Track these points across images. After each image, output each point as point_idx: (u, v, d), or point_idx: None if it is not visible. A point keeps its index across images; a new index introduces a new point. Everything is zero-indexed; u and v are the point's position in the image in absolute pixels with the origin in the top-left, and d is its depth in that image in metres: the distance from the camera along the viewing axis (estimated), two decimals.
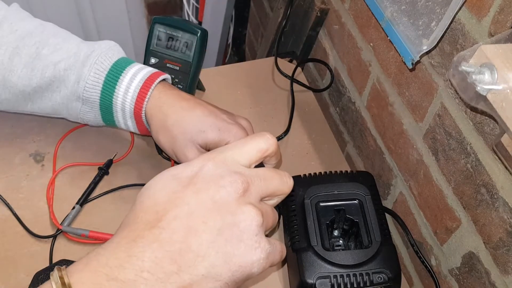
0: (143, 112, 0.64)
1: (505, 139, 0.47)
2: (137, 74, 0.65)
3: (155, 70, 0.67)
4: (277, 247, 0.42)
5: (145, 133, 0.69)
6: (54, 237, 0.68)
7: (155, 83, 0.65)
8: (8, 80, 0.65)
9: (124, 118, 0.66)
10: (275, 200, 0.45)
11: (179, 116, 0.63)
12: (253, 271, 0.39)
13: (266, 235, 0.42)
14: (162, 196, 0.39)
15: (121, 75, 0.64)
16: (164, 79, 0.67)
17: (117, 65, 0.65)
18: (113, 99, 0.65)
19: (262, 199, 0.42)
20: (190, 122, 0.62)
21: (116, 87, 0.64)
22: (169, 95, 0.65)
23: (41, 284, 0.35)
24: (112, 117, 0.67)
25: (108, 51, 0.66)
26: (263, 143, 0.43)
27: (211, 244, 0.37)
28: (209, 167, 0.40)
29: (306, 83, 0.95)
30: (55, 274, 0.36)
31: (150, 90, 0.64)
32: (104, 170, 0.75)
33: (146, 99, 0.64)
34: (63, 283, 0.35)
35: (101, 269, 0.36)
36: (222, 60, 1.63)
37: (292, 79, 0.92)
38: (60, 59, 0.65)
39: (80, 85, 0.64)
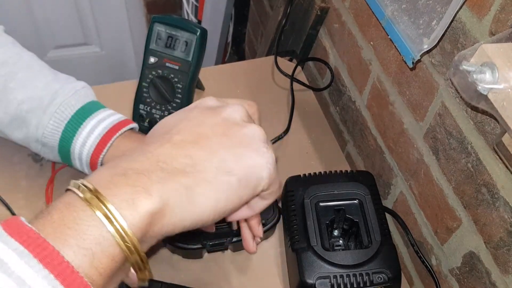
0: (98, 164, 0.63)
1: (506, 139, 0.46)
2: (97, 126, 0.63)
3: (117, 120, 0.65)
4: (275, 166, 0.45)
5: None
6: None
7: (113, 138, 0.63)
8: None
9: (81, 166, 0.65)
10: None
11: None
12: (262, 174, 0.42)
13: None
14: (171, 119, 0.44)
15: (79, 127, 0.63)
16: (131, 128, 0.65)
17: (78, 115, 0.63)
18: (71, 149, 0.64)
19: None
20: None
21: (74, 138, 0.63)
22: (128, 147, 0.63)
23: None
24: (70, 162, 0.66)
25: (71, 99, 0.64)
26: (250, 107, 0.49)
27: (222, 145, 0.41)
28: (208, 101, 0.46)
29: (306, 82, 0.95)
30: (73, 183, 0.36)
31: (108, 144, 0.62)
32: None
33: (103, 154, 0.63)
34: (86, 189, 0.35)
35: (118, 165, 0.38)
36: (222, 59, 1.63)
37: (292, 78, 0.92)
38: (25, 98, 0.63)
39: (39, 131, 0.63)
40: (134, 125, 0.66)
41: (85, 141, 0.63)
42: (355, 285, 0.59)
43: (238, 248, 0.70)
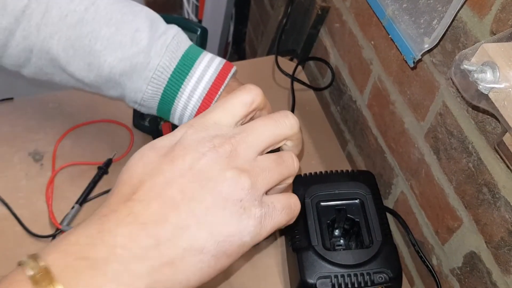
0: None
1: (507, 138, 0.46)
2: (196, 87, 0.57)
3: (216, 74, 0.58)
4: (277, 206, 0.37)
5: None
6: (53, 236, 0.68)
7: (218, 94, 0.57)
8: (67, 70, 0.59)
9: (181, 122, 0.60)
10: (289, 146, 0.41)
11: None
12: (244, 240, 0.35)
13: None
14: (138, 168, 0.37)
15: (179, 89, 0.57)
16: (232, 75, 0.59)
17: (175, 76, 0.57)
18: (171, 111, 0.59)
19: (261, 154, 0.38)
20: None
21: (174, 102, 0.58)
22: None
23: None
24: (168, 118, 0.61)
25: (164, 59, 0.57)
26: (246, 96, 0.40)
27: (191, 214, 0.34)
28: (188, 134, 0.37)
29: (307, 81, 0.95)
30: (25, 260, 0.33)
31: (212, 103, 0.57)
32: (103, 169, 0.74)
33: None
34: (40, 271, 0.32)
35: (71, 248, 0.33)
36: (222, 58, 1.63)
37: (293, 78, 0.92)
38: (115, 61, 0.57)
39: (138, 95, 0.58)
40: (234, 70, 0.60)
41: (186, 104, 0.57)
42: (356, 285, 0.59)
43: None
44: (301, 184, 0.68)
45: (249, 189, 0.35)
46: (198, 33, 0.74)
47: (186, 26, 0.74)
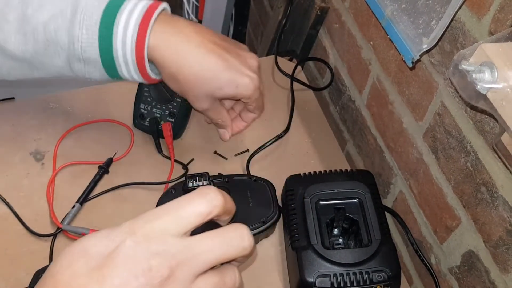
0: (146, 60, 0.59)
1: (505, 138, 0.47)
2: (129, 18, 0.57)
3: (147, 6, 0.58)
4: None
5: (155, 82, 0.64)
6: (54, 235, 0.68)
7: (150, 25, 0.57)
8: (5, 49, 0.59)
9: (129, 72, 0.61)
10: (235, 264, 0.38)
11: (192, 71, 0.59)
12: None
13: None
14: (65, 277, 0.33)
15: (113, 25, 0.57)
16: (163, 10, 0.60)
17: (107, 13, 0.57)
18: (113, 53, 0.58)
19: (203, 274, 0.34)
20: (205, 81, 0.60)
21: (113, 39, 0.57)
22: (171, 36, 0.59)
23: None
24: (117, 73, 0.61)
25: (93, 0, 0.58)
26: (203, 206, 0.35)
27: None
28: (126, 246, 0.33)
29: (306, 81, 0.95)
30: None
31: (147, 33, 0.57)
32: (104, 169, 0.75)
33: (146, 45, 0.57)
34: None
35: None
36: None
37: (292, 78, 0.92)
38: (47, 18, 0.57)
39: (76, 46, 0.58)
40: (165, 5, 0.61)
41: (124, 38, 0.57)
42: (355, 284, 0.59)
43: None
44: (300, 184, 0.69)
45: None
46: None
47: None
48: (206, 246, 0.34)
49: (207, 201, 0.35)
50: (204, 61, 0.60)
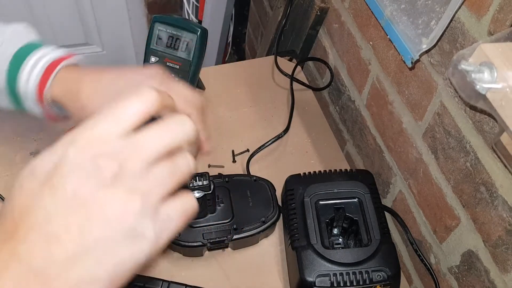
0: (46, 100, 0.63)
1: (504, 138, 0.47)
2: (40, 60, 0.63)
3: (60, 54, 0.65)
4: (173, 216, 0.36)
5: (56, 120, 0.67)
6: None
7: (56, 70, 0.63)
8: None
9: (30, 106, 0.65)
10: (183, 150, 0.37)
11: (90, 89, 0.62)
12: (139, 261, 0.34)
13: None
14: (20, 199, 0.34)
15: (22, 63, 0.63)
16: (74, 64, 0.65)
17: (21, 52, 0.63)
18: (16, 87, 0.63)
19: (153, 164, 0.34)
20: (103, 92, 0.62)
21: (18, 75, 0.63)
22: (74, 74, 0.64)
23: None
24: (21, 104, 0.66)
25: (13, 38, 0.64)
26: (139, 105, 0.35)
27: (78, 249, 0.32)
28: (70, 155, 0.33)
29: (306, 81, 0.95)
30: None
31: (51, 76, 0.62)
32: None
33: (47, 87, 0.62)
34: None
35: None
36: (222, 59, 1.63)
37: (292, 78, 0.92)
38: None
39: None
40: (79, 58, 0.66)
41: (28, 76, 0.63)
42: (354, 283, 0.59)
43: (239, 246, 0.70)
44: (300, 183, 0.69)
45: (140, 212, 0.33)
46: (198, 33, 0.74)
47: (187, 27, 0.75)
48: (150, 137, 0.34)
49: (142, 100, 0.35)
50: (99, 79, 0.63)
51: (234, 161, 0.81)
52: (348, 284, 0.59)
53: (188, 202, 0.38)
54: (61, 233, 0.32)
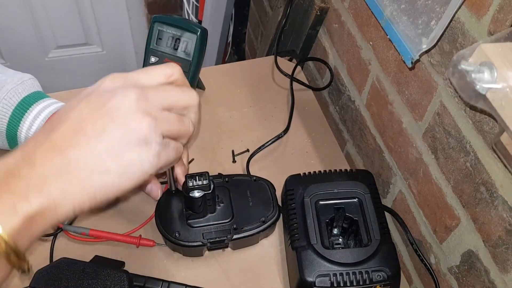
0: None
1: (504, 138, 0.47)
2: (43, 110, 0.67)
3: (62, 106, 0.69)
4: (171, 145, 0.45)
5: None
6: (54, 235, 0.68)
7: None
8: None
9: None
10: (189, 115, 0.48)
11: None
12: (144, 167, 0.42)
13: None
14: (61, 110, 0.43)
15: (26, 111, 0.67)
16: None
17: (25, 101, 0.67)
18: (17, 133, 0.67)
19: (166, 109, 0.45)
20: None
21: (21, 122, 0.67)
22: None
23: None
24: (17, 146, 0.69)
25: (18, 87, 0.68)
26: (168, 69, 0.47)
27: (100, 142, 0.40)
28: (107, 81, 0.44)
29: (306, 82, 0.95)
30: None
31: None
32: None
33: None
34: None
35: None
36: (222, 59, 1.63)
37: (292, 78, 0.92)
38: None
39: None
40: None
41: (31, 124, 0.66)
42: (354, 283, 0.59)
43: (239, 246, 0.70)
44: (300, 183, 0.69)
45: (152, 129, 0.42)
46: (198, 33, 0.74)
47: (187, 27, 0.75)
48: (169, 88, 0.46)
49: (170, 66, 0.47)
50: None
51: (234, 161, 0.81)
52: (348, 284, 0.59)
53: (181, 147, 0.47)
54: (88, 129, 0.40)
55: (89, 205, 0.41)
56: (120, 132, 0.41)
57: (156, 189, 0.68)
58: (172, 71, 0.47)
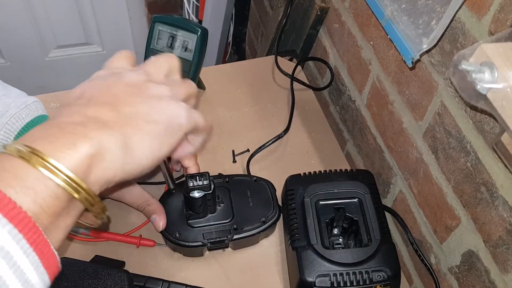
0: None
1: (505, 138, 0.47)
2: None
3: None
4: (197, 113, 0.48)
5: None
6: None
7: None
8: None
9: None
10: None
11: None
12: (181, 121, 0.45)
13: None
14: (77, 90, 0.44)
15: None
16: None
17: (28, 127, 0.66)
18: None
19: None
20: None
21: None
22: None
23: None
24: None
25: (22, 112, 0.67)
26: (169, 57, 0.51)
27: (139, 102, 0.43)
28: (119, 65, 0.48)
29: (306, 81, 0.95)
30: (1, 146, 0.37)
31: None
32: None
33: None
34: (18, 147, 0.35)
35: (49, 123, 0.39)
36: (222, 58, 1.63)
37: (292, 78, 0.92)
38: None
39: None
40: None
41: None
42: (354, 283, 0.59)
43: (239, 246, 0.70)
44: (300, 183, 0.69)
45: (170, 91, 0.46)
46: (199, 33, 0.74)
47: (187, 27, 0.75)
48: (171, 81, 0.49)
49: (170, 57, 0.51)
50: None
51: (234, 161, 0.81)
52: (348, 284, 0.59)
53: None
54: (122, 95, 0.43)
55: (150, 162, 0.42)
56: (150, 95, 0.44)
57: (158, 220, 0.67)
58: (171, 60, 0.51)
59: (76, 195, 0.36)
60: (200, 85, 0.89)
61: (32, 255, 0.33)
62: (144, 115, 0.42)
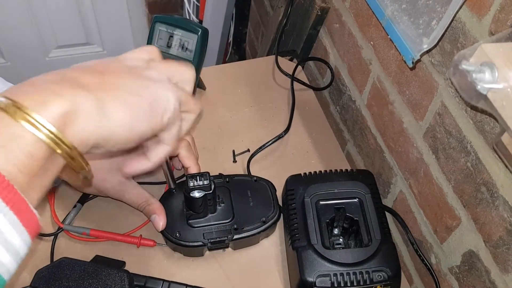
0: None
1: (505, 138, 0.47)
2: None
3: None
4: (190, 98, 0.48)
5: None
6: (55, 235, 0.68)
7: None
8: None
9: None
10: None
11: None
12: (168, 105, 0.44)
13: None
14: (83, 65, 0.45)
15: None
16: None
17: None
18: None
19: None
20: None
21: None
22: None
23: None
24: None
25: None
26: (149, 48, 0.50)
27: (129, 76, 0.43)
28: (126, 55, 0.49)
29: (307, 81, 0.95)
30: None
31: None
32: None
33: None
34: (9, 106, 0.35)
35: (25, 82, 0.38)
36: (223, 58, 1.63)
37: (293, 78, 0.92)
38: None
39: None
40: None
41: None
42: (355, 283, 0.59)
43: (239, 246, 0.70)
44: (300, 183, 0.69)
45: (161, 76, 0.46)
46: (199, 33, 0.74)
47: (187, 27, 0.75)
48: (168, 63, 0.49)
49: (151, 47, 0.50)
50: None
51: (234, 161, 0.81)
52: (348, 284, 0.59)
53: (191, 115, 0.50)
54: (115, 70, 0.44)
55: (127, 133, 0.41)
56: (145, 75, 0.44)
57: (158, 220, 0.66)
58: (152, 49, 0.50)
59: (58, 150, 0.35)
60: (201, 85, 0.89)
61: (9, 214, 0.32)
62: (129, 88, 0.42)
